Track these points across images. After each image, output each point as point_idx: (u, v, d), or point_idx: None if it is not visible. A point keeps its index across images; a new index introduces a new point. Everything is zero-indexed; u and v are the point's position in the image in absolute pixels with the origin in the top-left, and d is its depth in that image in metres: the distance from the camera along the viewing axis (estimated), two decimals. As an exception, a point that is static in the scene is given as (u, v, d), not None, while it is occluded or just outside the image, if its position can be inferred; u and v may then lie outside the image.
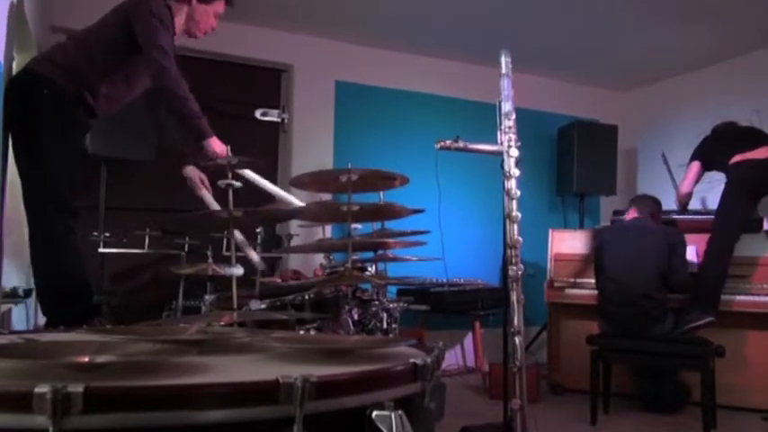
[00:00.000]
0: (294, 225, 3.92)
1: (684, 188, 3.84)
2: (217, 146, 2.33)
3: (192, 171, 2.62)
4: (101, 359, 0.90)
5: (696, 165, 3.76)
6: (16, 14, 2.49)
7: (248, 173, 2.42)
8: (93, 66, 2.30)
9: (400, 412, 0.85)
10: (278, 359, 1.08)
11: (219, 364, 0.99)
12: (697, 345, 3.08)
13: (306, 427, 0.79)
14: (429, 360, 1.00)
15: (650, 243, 3.39)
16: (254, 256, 2.55)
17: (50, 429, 0.70)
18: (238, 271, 2.13)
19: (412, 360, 0.98)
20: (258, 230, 3.28)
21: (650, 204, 3.60)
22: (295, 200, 2.50)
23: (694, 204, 4.00)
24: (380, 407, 0.86)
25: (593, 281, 3.67)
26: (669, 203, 4.04)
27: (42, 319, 2.34)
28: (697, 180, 3.79)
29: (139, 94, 2.59)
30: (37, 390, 0.70)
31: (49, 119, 2.19)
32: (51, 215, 2.18)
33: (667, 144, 4.78)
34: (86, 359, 0.90)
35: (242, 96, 4.33)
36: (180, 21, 2.51)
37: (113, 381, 0.79)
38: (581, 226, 4.77)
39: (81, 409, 0.71)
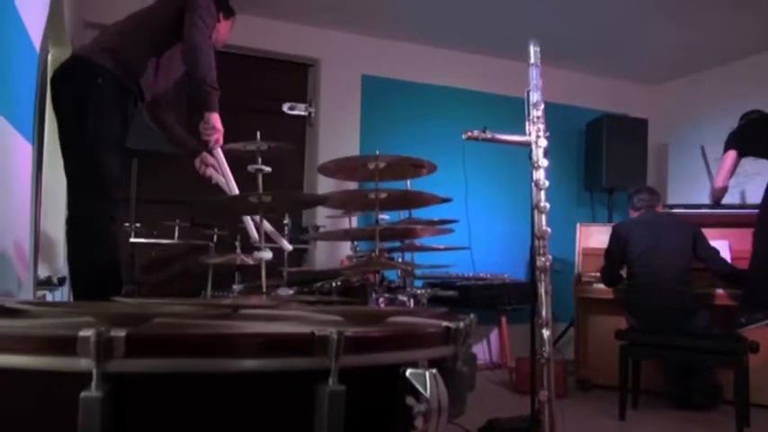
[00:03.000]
0: (321, 216, 3.95)
1: (720, 182, 3.66)
2: (217, 121, 2.37)
3: (206, 157, 2.62)
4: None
5: (732, 154, 3.58)
6: (54, 9, 2.55)
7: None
8: (143, 50, 2.35)
9: (434, 371, 0.85)
10: (313, 322, 1.09)
11: (255, 326, 1.01)
12: (730, 341, 3.00)
13: (341, 380, 0.79)
14: (462, 325, 0.99)
15: (676, 235, 3.37)
16: (286, 243, 2.58)
17: (94, 372, 0.72)
18: (267, 254, 2.16)
19: (445, 323, 0.98)
20: (285, 222, 3.31)
21: (659, 197, 3.65)
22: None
23: (732, 197, 3.86)
24: (414, 365, 0.86)
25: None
26: (703, 198, 3.96)
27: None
28: (733, 171, 3.62)
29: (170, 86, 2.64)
30: (81, 333, 0.72)
31: (101, 108, 2.21)
32: (95, 201, 2.20)
33: (699, 138, 4.67)
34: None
35: (269, 90, 4.37)
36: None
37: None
38: (610, 221, 4.70)
39: (123, 352, 0.73)
